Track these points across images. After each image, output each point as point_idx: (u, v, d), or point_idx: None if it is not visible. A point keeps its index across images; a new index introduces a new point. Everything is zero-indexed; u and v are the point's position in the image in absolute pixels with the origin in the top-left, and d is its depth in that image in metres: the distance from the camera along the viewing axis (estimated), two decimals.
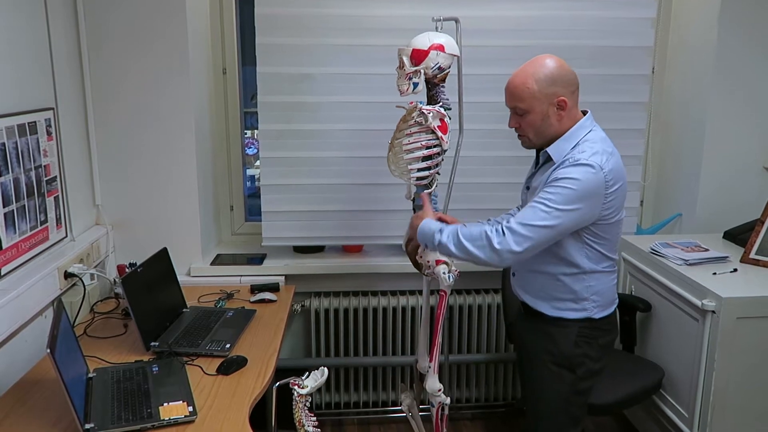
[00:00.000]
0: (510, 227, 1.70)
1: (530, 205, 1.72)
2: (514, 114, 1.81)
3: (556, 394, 1.88)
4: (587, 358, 1.86)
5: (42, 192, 2.12)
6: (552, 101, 1.73)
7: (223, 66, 2.79)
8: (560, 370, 1.86)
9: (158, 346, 2.00)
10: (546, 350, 1.87)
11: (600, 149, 1.72)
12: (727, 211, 2.70)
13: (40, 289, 2.03)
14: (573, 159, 1.70)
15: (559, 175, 1.69)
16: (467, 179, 2.64)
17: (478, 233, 1.74)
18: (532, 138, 1.80)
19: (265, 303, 2.42)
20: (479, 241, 1.73)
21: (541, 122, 1.75)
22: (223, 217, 2.95)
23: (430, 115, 1.93)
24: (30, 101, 2.06)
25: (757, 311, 2.09)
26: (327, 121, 2.63)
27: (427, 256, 1.98)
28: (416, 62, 1.93)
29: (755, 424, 2.18)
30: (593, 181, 1.67)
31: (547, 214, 1.67)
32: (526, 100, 1.74)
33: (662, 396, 2.39)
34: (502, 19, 2.59)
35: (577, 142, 1.75)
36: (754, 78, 2.64)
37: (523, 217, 1.71)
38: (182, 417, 1.61)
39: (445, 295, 2.00)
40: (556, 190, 1.68)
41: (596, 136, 1.77)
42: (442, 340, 2.08)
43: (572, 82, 1.76)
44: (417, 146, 1.96)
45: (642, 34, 2.68)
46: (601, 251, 1.80)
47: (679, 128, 2.84)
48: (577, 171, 1.67)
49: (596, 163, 1.68)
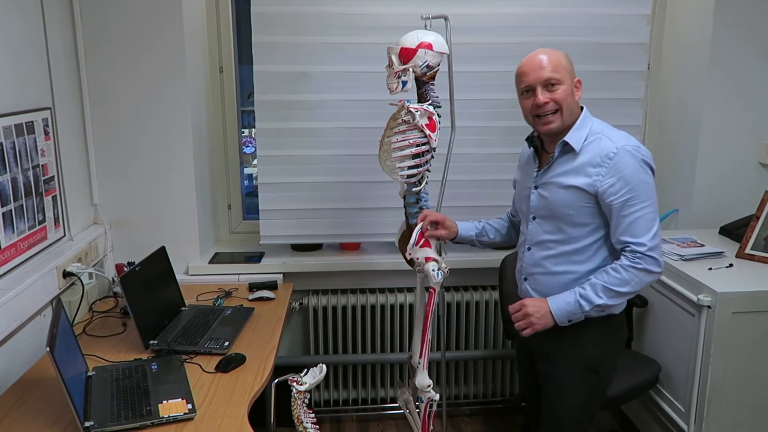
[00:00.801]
0: (649, 249, 1.70)
1: (633, 219, 1.70)
2: (545, 89, 1.74)
3: (578, 396, 1.87)
4: (608, 357, 1.87)
5: (40, 191, 2.12)
6: (573, 80, 1.78)
7: (219, 64, 2.79)
8: (583, 373, 1.85)
9: (157, 344, 2.00)
10: (568, 354, 1.84)
11: (618, 132, 1.77)
12: (722, 206, 2.72)
13: (38, 288, 2.03)
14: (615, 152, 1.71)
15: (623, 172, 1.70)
16: (460, 176, 2.65)
17: (628, 273, 1.71)
18: (564, 115, 1.75)
19: (264, 301, 2.43)
20: (632, 277, 1.72)
21: (570, 97, 1.76)
22: (221, 215, 2.96)
23: (417, 114, 1.93)
24: (27, 101, 2.07)
25: (752, 306, 2.10)
26: (324, 119, 2.64)
27: (416, 252, 1.99)
28: (405, 60, 1.93)
29: (751, 418, 2.19)
30: (639, 154, 1.72)
31: (650, 212, 1.71)
32: (560, 71, 1.74)
33: (659, 391, 2.40)
34: (498, 16, 2.60)
35: (588, 130, 1.78)
36: (749, 74, 2.65)
37: (641, 233, 1.70)
38: (181, 414, 1.62)
39: (434, 292, 1.99)
40: (636, 192, 1.70)
41: (600, 122, 1.82)
42: (433, 336, 2.08)
43: None
44: (405, 144, 1.96)
45: (637, 30, 2.69)
46: None
47: (675, 124, 2.85)
48: (633, 160, 1.71)
49: (632, 143, 1.73)
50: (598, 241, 1.79)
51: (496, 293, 2.80)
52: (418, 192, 2.05)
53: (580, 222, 1.78)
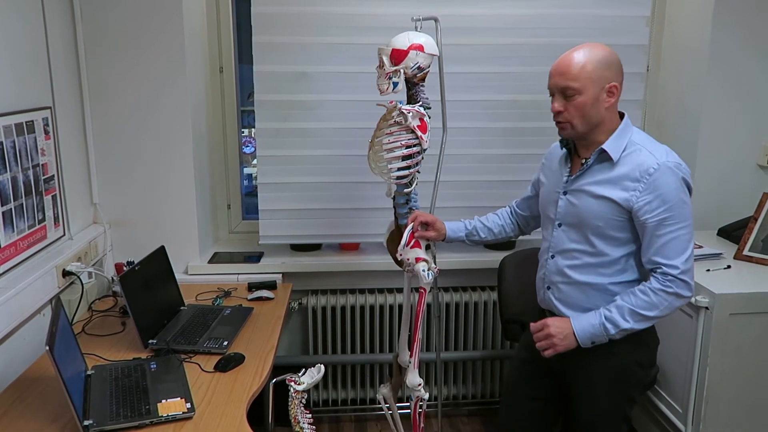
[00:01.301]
0: (680, 272, 1.64)
1: (667, 240, 1.64)
2: (561, 97, 1.68)
3: (612, 408, 1.79)
4: (640, 366, 1.80)
5: (40, 191, 2.13)
6: (604, 86, 1.65)
7: (219, 64, 2.80)
8: (612, 384, 1.77)
9: (156, 343, 2.01)
10: (597, 365, 1.76)
11: (660, 146, 1.70)
12: (721, 208, 2.72)
13: (38, 287, 2.04)
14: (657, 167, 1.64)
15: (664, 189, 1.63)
16: (455, 177, 2.66)
17: (657, 297, 1.65)
18: (577, 125, 1.68)
19: (263, 301, 2.43)
20: (661, 301, 1.65)
21: (591, 107, 1.65)
22: (221, 215, 2.96)
23: (409, 115, 1.94)
24: (27, 100, 2.07)
25: (749, 307, 2.11)
26: (324, 119, 2.64)
27: (407, 253, 2.00)
28: (396, 62, 1.93)
29: (748, 419, 2.20)
30: (680, 173, 1.66)
31: (685, 234, 1.65)
32: (580, 80, 1.63)
33: (656, 391, 2.41)
34: (498, 17, 2.60)
35: (627, 140, 1.70)
36: (748, 76, 2.66)
37: (673, 254, 1.64)
38: (180, 413, 1.62)
39: (424, 293, 1.99)
40: (677, 208, 1.63)
41: (640, 132, 1.74)
42: (423, 336, 2.08)
43: (621, 71, 1.70)
44: (396, 145, 1.97)
45: (636, 32, 2.69)
46: None
47: (674, 126, 2.85)
48: (667, 178, 1.64)
49: (673, 161, 1.66)
50: (626, 255, 1.72)
51: (495, 294, 2.81)
52: (408, 193, 2.06)
53: (610, 235, 1.71)
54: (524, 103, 2.68)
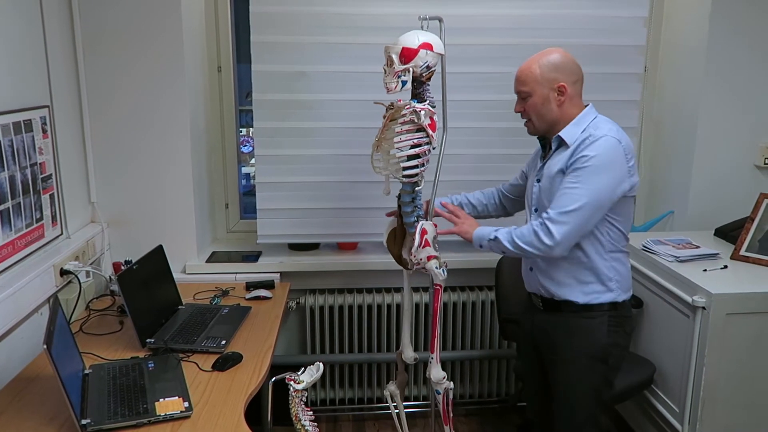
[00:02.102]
0: (550, 218, 1.79)
1: (560, 193, 1.80)
2: (520, 99, 1.91)
3: (589, 386, 1.92)
4: (617, 347, 1.93)
5: (37, 189, 2.13)
6: (553, 86, 1.84)
7: (218, 64, 2.80)
8: (593, 363, 1.90)
9: (154, 342, 2.01)
10: (577, 344, 1.90)
11: (613, 127, 1.83)
12: (718, 208, 2.73)
13: (36, 286, 2.04)
14: (591, 137, 1.79)
15: (579, 155, 1.79)
16: (452, 177, 2.65)
17: (528, 231, 1.83)
18: (535, 122, 1.89)
19: (261, 300, 2.43)
20: (528, 236, 1.83)
21: (542, 106, 1.85)
22: (219, 214, 2.96)
23: (422, 114, 1.95)
24: (25, 99, 2.07)
25: (746, 307, 2.11)
26: (322, 118, 2.64)
27: (420, 254, 2.01)
28: (406, 60, 1.94)
29: (744, 419, 2.20)
30: (613, 150, 1.77)
31: (581, 195, 1.76)
32: (528, 84, 1.85)
33: (653, 391, 2.41)
34: (496, 17, 2.61)
35: (587, 125, 1.84)
36: (746, 76, 2.66)
37: (557, 205, 1.79)
38: (178, 413, 1.62)
39: (440, 289, 2.04)
40: (579, 171, 1.77)
41: (604, 119, 1.87)
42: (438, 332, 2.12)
43: (574, 72, 1.86)
44: (408, 144, 1.98)
45: (634, 32, 2.70)
46: (620, 228, 1.88)
47: (671, 126, 2.86)
48: (595, 146, 1.77)
49: (613, 136, 1.78)
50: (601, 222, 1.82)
51: (492, 293, 2.81)
52: (416, 191, 2.06)
53: None
54: None
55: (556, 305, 1.93)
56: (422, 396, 2.95)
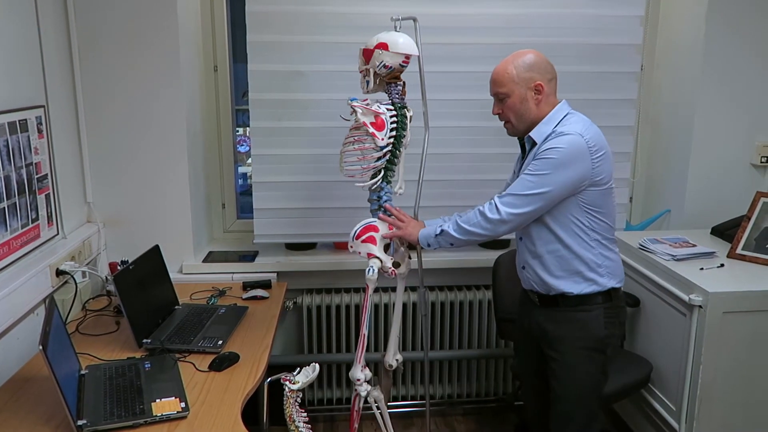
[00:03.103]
0: (501, 199, 1.85)
1: (520, 178, 1.86)
2: (497, 101, 1.93)
3: (588, 377, 1.94)
4: (614, 337, 1.96)
5: (33, 189, 2.12)
6: (529, 85, 1.86)
7: (214, 63, 2.79)
8: (591, 353, 1.92)
9: (150, 343, 2.00)
10: (576, 337, 1.92)
11: (579, 125, 1.84)
12: (714, 207, 2.73)
13: (31, 286, 2.03)
14: (555, 134, 1.83)
15: (543, 148, 1.83)
16: (440, 176, 2.67)
17: (473, 213, 1.91)
18: (515, 123, 1.91)
19: (257, 300, 2.43)
20: (474, 218, 1.90)
21: (521, 105, 1.87)
22: (215, 214, 2.96)
23: (359, 112, 1.96)
24: (20, 99, 2.06)
25: (743, 306, 2.11)
26: (318, 118, 2.63)
27: (357, 246, 2.04)
28: (366, 61, 1.99)
29: (741, 417, 2.21)
30: (575, 145, 1.79)
31: (534, 183, 1.81)
32: (506, 85, 1.87)
33: (650, 390, 2.42)
34: (492, 16, 2.61)
35: (557, 123, 1.87)
36: (742, 75, 2.67)
37: (512, 188, 1.86)
38: (174, 413, 1.62)
39: (367, 289, 2.06)
40: (540, 162, 1.82)
41: (574, 117, 1.89)
42: (369, 332, 2.13)
43: (548, 71, 1.89)
44: (349, 141, 2.01)
45: (631, 31, 2.70)
46: (605, 221, 1.89)
47: (668, 125, 2.87)
48: (557, 141, 1.81)
49: (575, 132, 1.81)
50: (582, 213, 1.86)
51: (489, 293, 2.81)
52: (375, 190, 2.07)
53: None
54: None
55: (552, 300, 1.94)
56: (419, 395, 2.94)
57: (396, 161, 2.06)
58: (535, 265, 1.94)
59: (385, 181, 2.06)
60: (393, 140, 2.02)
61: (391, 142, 2.01)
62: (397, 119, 2.02)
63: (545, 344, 1.99)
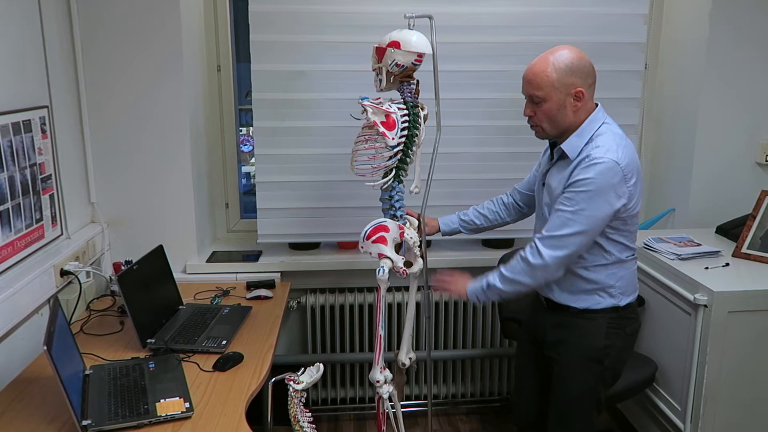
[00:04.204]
0: (542, 242, 1.76)
1: (555, 215, 1.76)
2: (530, 102, 1.81)
3: (584, 384, 1.91)
4: (614, 348, 1.90)
5: (37, 190, 2.12)
6: (570, 91, 1.74)
7: (217, 63, 2.79)
8: (587, 363, 1.89)
9: (154, 343, 2.01)
10: (576, 344, 1.90)
11: (613, 144, 1.73)
12: (719, 206, 2.72)
13: (36, 287, 2.03)
14: (589, 159, 1.72)
15: (577, 177, 1.72)
16: (450, 176, 2.67)
17: (516, 260, 1.81)
18: (546, 128, 1.81)
19: (261, 300, 2.43)
20: (518, 266, 1.81)
21: (557, 112, 1.76)
22: (219, 214, 2.96)
23: (369, 111, 1.95)
24: (24, 99, 2.06)
25: (748, 305, 2.10)
26: (322, 117, 2.63)
27: (368, 247, 2.01)
28: (379, 59, 1.97)
29: (747, 417, 2.20)
30: (611, 176, 1.70)
31: (574, 221, 1.72)
32: (544, 89, 1.74)
33: (655, 389, 2.41)
34: (496, 15, 2.60)
35: (590, 137, 1.77)
36: (746, 74, 2.66)
37: (551, 227, 1.76)
38: (179, 413, 1.62)
39: (378, 290, 2.02)
40: (576, 195, 1.72)
41: (608, 129, 1.78)
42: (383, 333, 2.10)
43: (590, 74, 1.77)
44: (360, 141, 1.99)
45: (634, 30, 2.69)
46: (624, 242, 1.83)
47: (672, 124, 2.86)
48: (593, 170, 1.70)
49: (611, 159, 1.70)
50: (600, 238, 1.79)
51: None
52: (387, 190, 2.05)
53: None
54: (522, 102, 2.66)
55: (558, 306, 1.92)
56: (423, 395, 2.94)
57: (409, 160, 2.04)
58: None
59: (396, 181, 2.05)
60: (404, 139, 1.99)
61: (403, 141, 1.99)
62: (409, 118, 2.00)
63: (547, 346, 1.98)
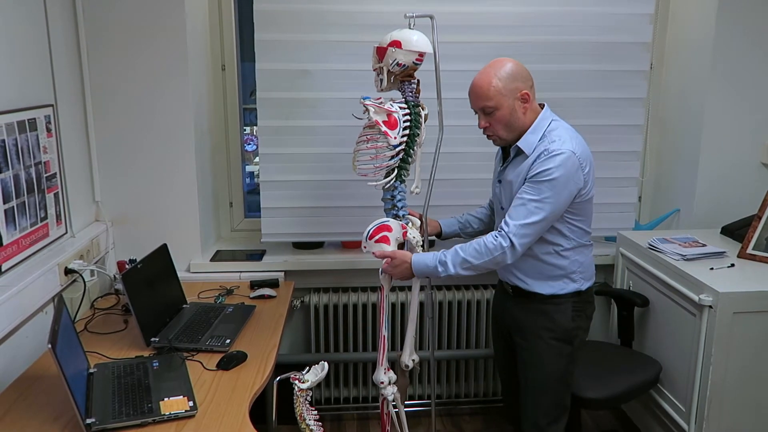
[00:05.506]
0: (509, 231, 1.85)
1: (519, 203, 1.86)
2: (483, 114, 1.92)
3: (556, 366, 2.01)
4: (581, 329, 2.04)
5: (42, 188, 2.13)
6: (516, 95, 1.88)
7: (221, 62, 2.79)
8: (559, 344, 1.99)
9: (158, 341, 2.01)
10: (545, 327, 1.99)
11: (566, 136, 1.87)
12: (724, 206, 2.71)
13: (40, 285, 2.03)
14: (547, 152, 1.84)
15: (539, 169, 1.84)
16: (452, 175, 2.66)
17: (479, 245, 1.88)
18: (503, 135, 1.92)
19: (265, 299, 2.43)
20: (482, 249, 1.88)
21: (510, 117, 1.89)
22: (223, 213, 2.96)
23: (371, 111, 1.95)
24: (29, 98, 2.07)
25: (753, 306, 2.10)
26: (326, 116, 2.63)
27: (372, 247, 2.02)
28: (380, 59, 1.98)
29: (752, 418, 2.19)
30: (569, 165, 1.83)
31: (538, 209, 1.84)
32: (493, 98, 1.87)
33: (660, 390, 2.41)
34: (501, 15, 2.60)
35: (543, 133, 1.90)
36: (752, 74, 2.65)
37: (518, 216, 1.85)
38: (183, 412, 1.62)
39: (381, 289, 2.06)
40: (540, 184, 1.83)
41: (558, 125, 1.92)
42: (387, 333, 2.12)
43: (529, 78, 1.91)
44: (362, 140, 2.00)
45: (640, 30, 2.68)
46: (581, 227, 1.95)
47: (677, 124, 2.85)
48: (554, 161, 1.82)
49: (568, 149, 1.83)
50: (559, 223, 1.91)
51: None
52: (388, 190, 2.05)
53: None
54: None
55: (525, 293, 2.01)
56: (426, 395, 2.94)
57: (410, 160, 2.04)
58: (513, 266, 1.99)
59: (398, 180, 2.05)
60: (406, 139, 2.00)
61: (405, 140, 2.00)
62: (411, 117, 2.00)
63: (515, 332, 2.06)
